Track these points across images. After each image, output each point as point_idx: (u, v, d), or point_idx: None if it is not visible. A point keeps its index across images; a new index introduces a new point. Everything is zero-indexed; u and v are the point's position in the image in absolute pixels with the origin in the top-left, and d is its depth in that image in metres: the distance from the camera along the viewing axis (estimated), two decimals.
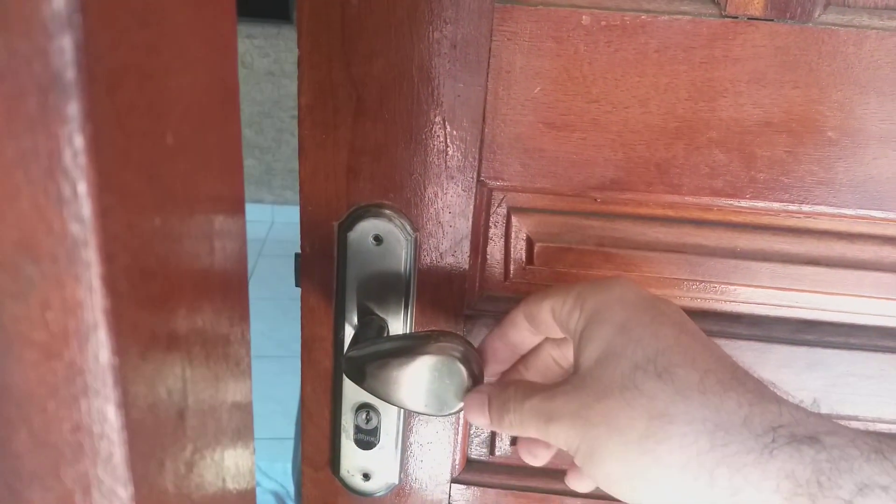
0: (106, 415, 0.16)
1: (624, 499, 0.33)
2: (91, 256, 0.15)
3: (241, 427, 0.31)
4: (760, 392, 0.32)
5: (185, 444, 0.22)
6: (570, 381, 0.35)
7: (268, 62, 3.74)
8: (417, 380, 0.41)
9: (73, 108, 0.14)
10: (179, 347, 0.21)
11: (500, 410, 0.38)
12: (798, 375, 0.49)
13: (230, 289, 0.28)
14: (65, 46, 0.13)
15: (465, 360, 0.41)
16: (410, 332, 0.50)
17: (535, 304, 0.40)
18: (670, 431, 0.31)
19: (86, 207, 0.14)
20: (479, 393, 0.40)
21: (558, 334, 0.40)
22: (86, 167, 0.14)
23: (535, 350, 0.44)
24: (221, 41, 0.25)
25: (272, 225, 3.94)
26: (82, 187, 0.14)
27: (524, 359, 0.45)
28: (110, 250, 0.15)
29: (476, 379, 0.41)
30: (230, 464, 0.29)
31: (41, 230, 0.15)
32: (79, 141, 0.14)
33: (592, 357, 0.35)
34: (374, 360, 0.42)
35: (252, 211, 3.91)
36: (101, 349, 0.16)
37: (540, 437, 0.36)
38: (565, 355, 0.43)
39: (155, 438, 0.19)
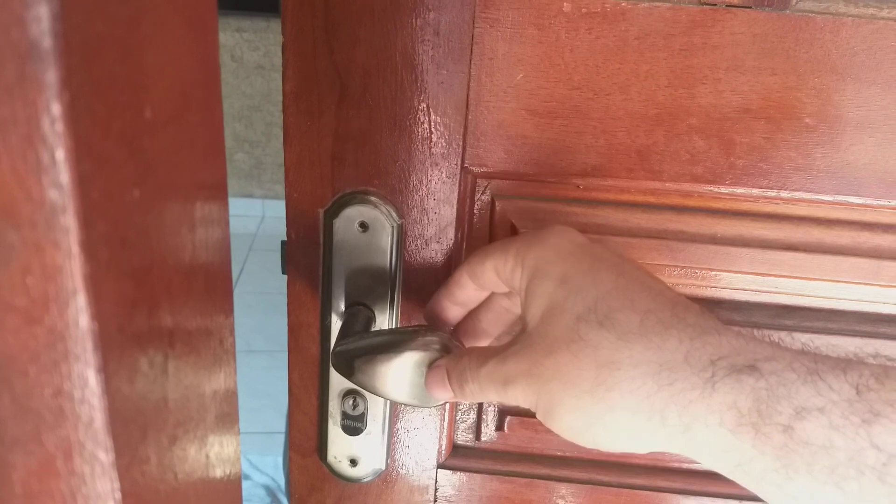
0: (87, 380, 0.17)
1: (588, 446, 0.34)
2: (69, 222, 0.15)
3: (225, 410, 0.32)
4: (701, 325, 0.33)
5: (167, 416, 0.22)
6: (519, 341, 0.36)
7: (257, 56, 3.73)
8: (403, 374, 0.43)
9: (51, 76, 0.14)
10: (161, 320, 0.21)
11: (460, 381, 0.39)
12: None
13: (213, 272, 0.28)
14: (41, 15, 0.14)
15: (447, 353, 0.42)
16: (397, 327, 0.51)
17: (478, 264, 0.41)
18: (618, 377, 0.32)
19: (64, 174, 0.15)
20: (437, 368, 0.41)
21: (504, 290, 0.41)
22: (64, 134, 0.14)
23: (485, 302, 0.45)
24: (202, 22, 0.25)
25: (263, 219, 3.93)
26: (60, 154, 0.15)
27: (476, 311, 0.45)
28: (89, 217, 0.16)
29: None
30: (214, 444, 0.30)
31: (20, 197, 0.15)
32: (56, 108, 0.14)
33: (537, 314, 0.36)
34: (361, 355, 0.43)
35: (242, 205, 3.90)
36: (80, 314, 0.16)
37: (501, 401, 0.37)
38: (515, 303, 0.44)
39: (136, 407, 0.19)
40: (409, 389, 0.43)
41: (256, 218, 3.95)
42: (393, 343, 0.43)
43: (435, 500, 0.57)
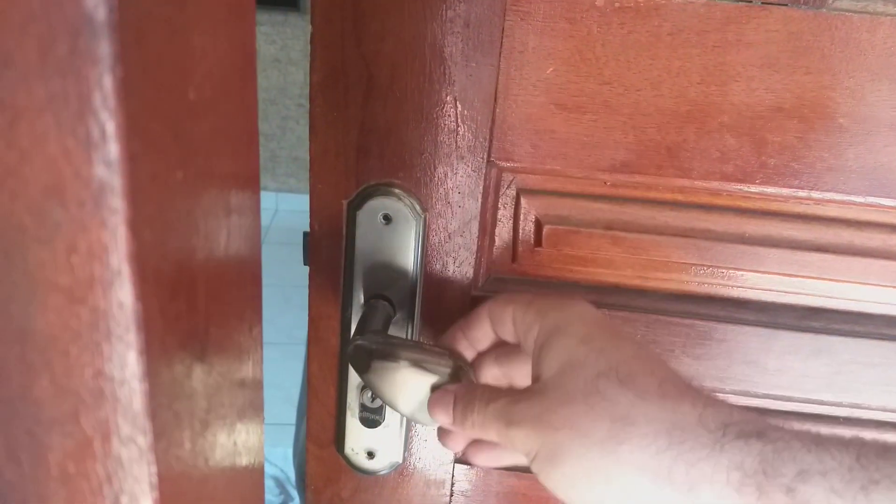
0: (127, 361, 0.17)
1: (577, 501, 0.34)
2: (117, 202, 0.15)
3: (251, 398, 0.31)
4: (713, 398, 0.34)
5: (200, 402, 0.22)
6: (533, 388, 0.37)
7: (274, 49, 3.73)
8: (417, 392, 0.43)
9: (105, 49, 0.14)
10: (199, 304, 0.21)
11: (465, 410, 0.39)
12: (804, 362, 0.49)
13: (245, 260, 0.28)
14: None
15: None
16: (423, 342, 0.51)
17: (500, 306, 0.42)
18: (631, 433, 0.32)
19: (113, 150, 0.14)
20: (446, 392, 0.41)
21: (512, 340, 0.42)
22: (115, 109, 0.14)
23: (476, 364, 0.46)
24: (241, 8, 0.25)
25: (276, 213, 3.94)
26: (111, 129, 0.14)
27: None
28: (136, 197, 0.15)
29: None
30: (241, 432, 0.30)
31: (69, 174, 0.15)
32: (108, 82, 0.14)
33: (554, 366, 0.37)
34: (382, 357, 0.43)
35: None
36: (124, 295, 0.16)
37: (499, 440, 0.38)
38: (506, 373, 0.45)
39: (173, 391, 0.19)
40: (416, 407, 0.43)
41: (270, 211, 3.95)
42: (418, 359, 0.43)
43: (451, 495, 0.57)
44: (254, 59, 0.27)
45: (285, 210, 3.98)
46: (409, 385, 0.43)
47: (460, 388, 0.41)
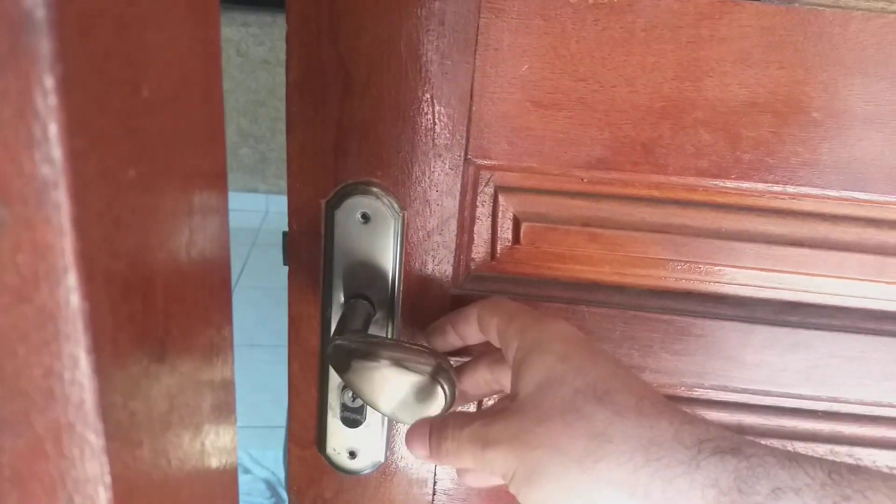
0: (77, 360, 0.16)
1: None
2: (61, 198, 0.15)
3: (222, 399, 0.31)
4: (691, 415, 0.34)
5: (160, 402, 0.22)
6: (509, 408, 0.37)
7: (263, 50, 3.71)
8: (398, 391, 0.43)
9: (44, 47, 0.14)
10: (155, 305, 0.21)
11: (439, 439, 0.39)
12: (781, 356, 0.49)
13: (211, 260, 0.28)
14: None
15: (450, 390, 0.43)
16: (402, 340, 0.51)
17: (486, 314, 0.43)
18: (609, 450, 0.32)
19: (56, 149, 0.14)
20: (421, 424, 0.41)
21: (498, 346, 0.42)
22: (56, 108, 0.14)
23: (470, 367, 0.47)
24: (203, 5, 0.25)
25: (266, 214, 3.93)
26: (53, 128, 0.14)
27: (459, 370, 0.47)
28: (81, 194, 0.15)
29: (448, 406, 0.43)
30: (210, 433, 0.29)
31: (11, 171, 0.15)
32: (49, 81, 0.14)
33: (532, 384, 0.37)
34: (361, 357, 0.43)
35: (246, 200, 3.89)
36: (71, 293, 0.16)
37: (475, 465, 0.37)
38: (497, 379, 0.45)
39: (129, 390, 0.19)
40: (396, 406, 0.44)
41: (260, 213, 3.94)
42: (398, 358, 0.43)
43: (434, 494, 0.57)
44: (218, 56, 0.27)
45: (276, 212, 3.96)
46: (390, 384, 0.43)
47: (435, 419, 0.41)
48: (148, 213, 0.20)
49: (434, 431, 0.40)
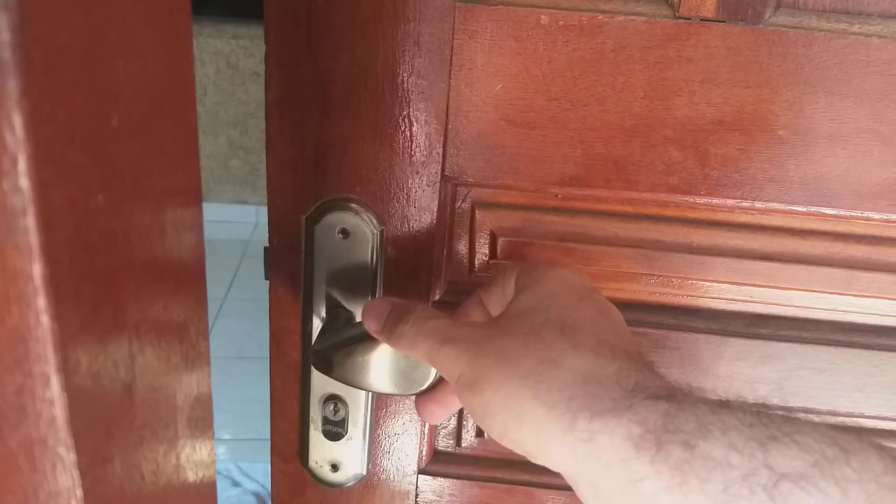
0: (48, 378, 0.17)
1: (489, 431, 0.36)
2: (30, 225, 0.16)
3: (198, 414, 0.32)
4: (644, 366, 0.35)
5: (133, 417, 0.23)
6: (483, 322, 0.39)
7: (253, 63, 3.73)
8: (381, 362, 0.44)
9: (12, 86, 0.15)
10: (126, 324, 0.22)
11: (397, 320, 0.40)
12: (753, 368, 0.50)
13: (185, 277, 0.29)
14: (1, 27, 0.14)
15: None
16: None
17: (509, 272, 0.43)
18: (553, 375, 0.33)
19: (24, 179, 0.15)
20: (382, 300, 0.42)
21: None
22: (24, 141, 0.15)
23: (469, 304, 0.46)
24: (175, 32, 0.26)
25: (256, 226, 3.93)
26: (21, 160, 0.15)
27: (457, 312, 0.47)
28: (49, 221, 0.16)
29: None
30: (186, 447, 0.30)
31: None
32: (17, 118, 0.15)
33: (515, 309, 0.38)
34: (339, 349, 0.44)
35: (236, 212, 3.90)
36: (41, 315, 0.17)
37: (426, 358, 0.38)
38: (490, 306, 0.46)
39: (100, 406, 0.20)
40: (389, 378, 0.44)
41: (250, 224, 3.94)
42: (368, 334, 0.43)
43: None
44: (191, 79, 0.28)
45: (266, 223, 3.96)
46: (374, 360, 0.44)
47: (402, 301, 0.42)
48: (118, 235, 0.21)
49: (396, 311, 0.40)
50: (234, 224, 3.84)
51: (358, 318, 0.50)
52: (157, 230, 0.24)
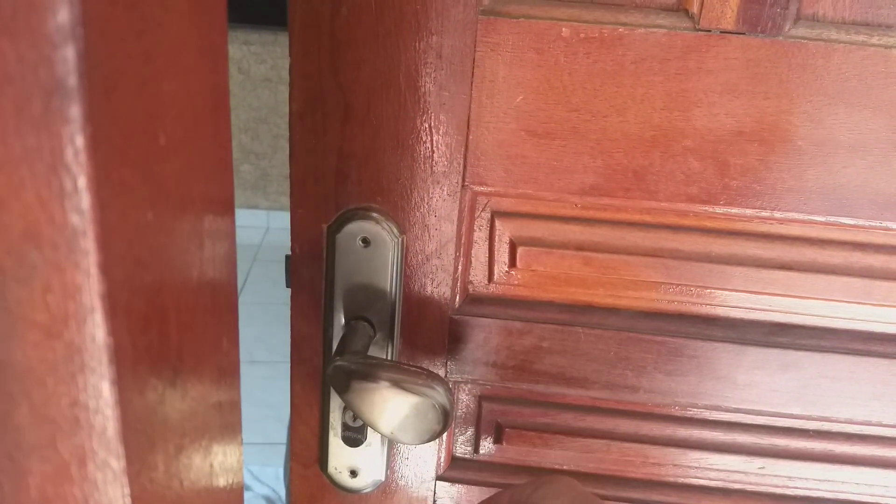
0: (101, 391, 0.18)
1: None
2: (89, 245, 0.16)
3: (228, 421, 0.33)
4: None
5: (174, 426, 0.23)
6: None
7: (265, 69, 3.76)
8: (396, 412, 0.44)
9: (75, 111, 0.15)
10: (171, 334, 0.22)
11: None
12: (772, 377, 0.51)
13: (220, 286, 0.29)
14: (68, 56, 0.15)
15: (444, 411, 0.44)
16: (401, 363, 0.52)
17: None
18: None
19: (85, 200, 0.16)
20: None
21: None
22: (85, 164, 0.16)
23: None
24: (213, 51, 0.26)
25: (267, 230, 3.95)
26: (82, 182, 0.16)
27: None
28: (106, 240, 0.17)
29: (446, 426, 0.45)
30: (218, 454, 0.31)
31: (44, 220, 0.16)
32: (79, 140, 0.15)
33: None
34: (361, 378, 0.44)
35: (247, 216, 3.92)
36: (97, 330, 0.17)
37: None
38: None
39: (146, 417, 0.20)
40: (396, 426, 0.45)
41: (261, 229, 3.97)
42: (397, 379, 0.44)
43: None
44: (226, 92, 0.29)
45: (277, 228, 3.99)
46: (389, 405, 0.44)
47: None
48: (164, 250, 0.21)
49: None
50: (245, 229, 3.86)
51: (378, 332, 0.51)
52: (196, 242, 0.25)
